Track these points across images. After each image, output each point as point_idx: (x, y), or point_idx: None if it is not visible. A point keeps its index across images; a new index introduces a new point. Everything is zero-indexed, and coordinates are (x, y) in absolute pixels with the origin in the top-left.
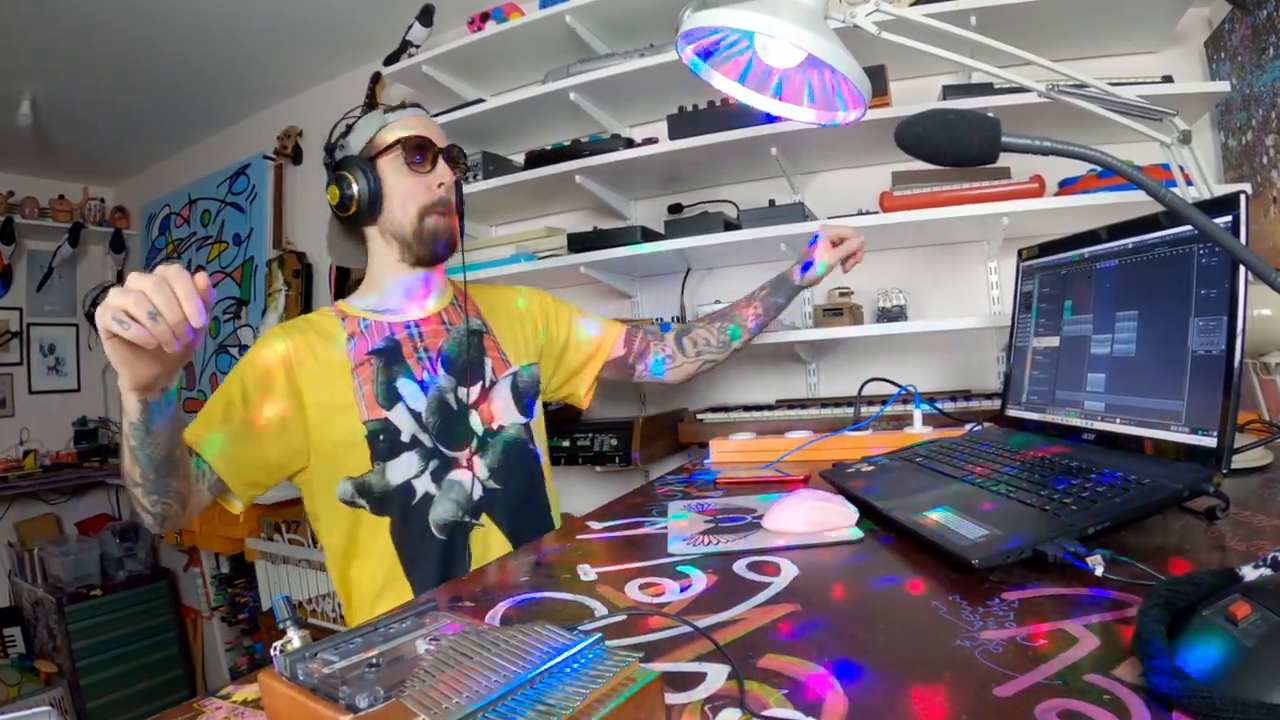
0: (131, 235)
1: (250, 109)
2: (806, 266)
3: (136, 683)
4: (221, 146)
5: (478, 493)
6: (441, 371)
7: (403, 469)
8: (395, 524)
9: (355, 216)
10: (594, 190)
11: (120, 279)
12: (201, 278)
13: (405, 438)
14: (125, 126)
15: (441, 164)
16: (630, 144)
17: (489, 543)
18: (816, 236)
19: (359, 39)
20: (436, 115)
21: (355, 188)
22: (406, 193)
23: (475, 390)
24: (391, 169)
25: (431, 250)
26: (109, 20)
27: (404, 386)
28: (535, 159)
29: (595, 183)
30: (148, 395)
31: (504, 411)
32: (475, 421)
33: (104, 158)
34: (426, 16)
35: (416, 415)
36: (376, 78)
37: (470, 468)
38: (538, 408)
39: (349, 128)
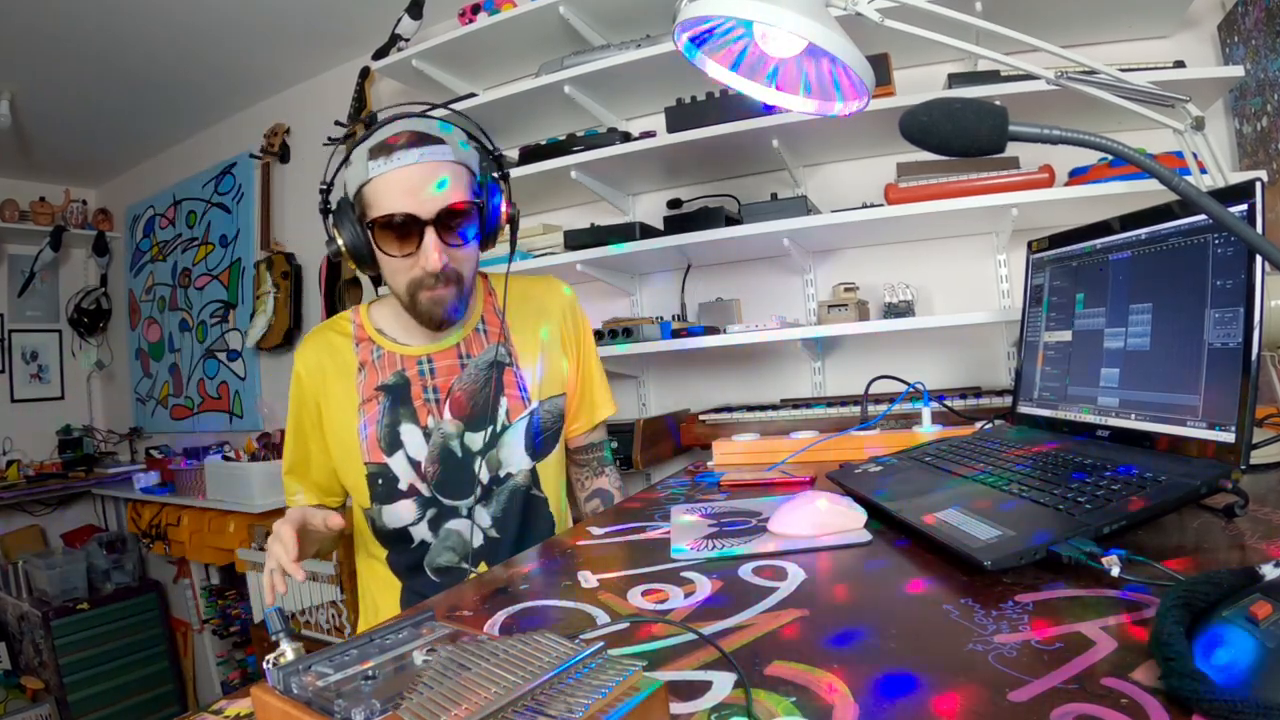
0: (115, 238)
1: (236, 106)
2: None
3: (126, 698)
4: (207, 145)
5: (478, 541)
6: (448, 415)
7: (399, 515)
8: (391, 557)
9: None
10: (591, 186)
11: (104, 283)
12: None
13: (403, 485)
14: (107, 126)
15: (429, 240)
16: (627, 138)
17: None
18: None
19: (347, 33)
20: (427, 112)
21: (341, 244)
22: (391, 270)
23: (484, 436)
24: (375, 240)
25: (429, 322)
26: (89, 16)
27: (406, 433)
28: (530, 154)
29: (592, 178)
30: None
31: (513, 457)
32: (481, 469)
33: (86, 158)
34: (416, 9)
35: (416, 464)
36: (365, 72)
37: (471, 517)
38: (556, 446)
39: (348, 159)
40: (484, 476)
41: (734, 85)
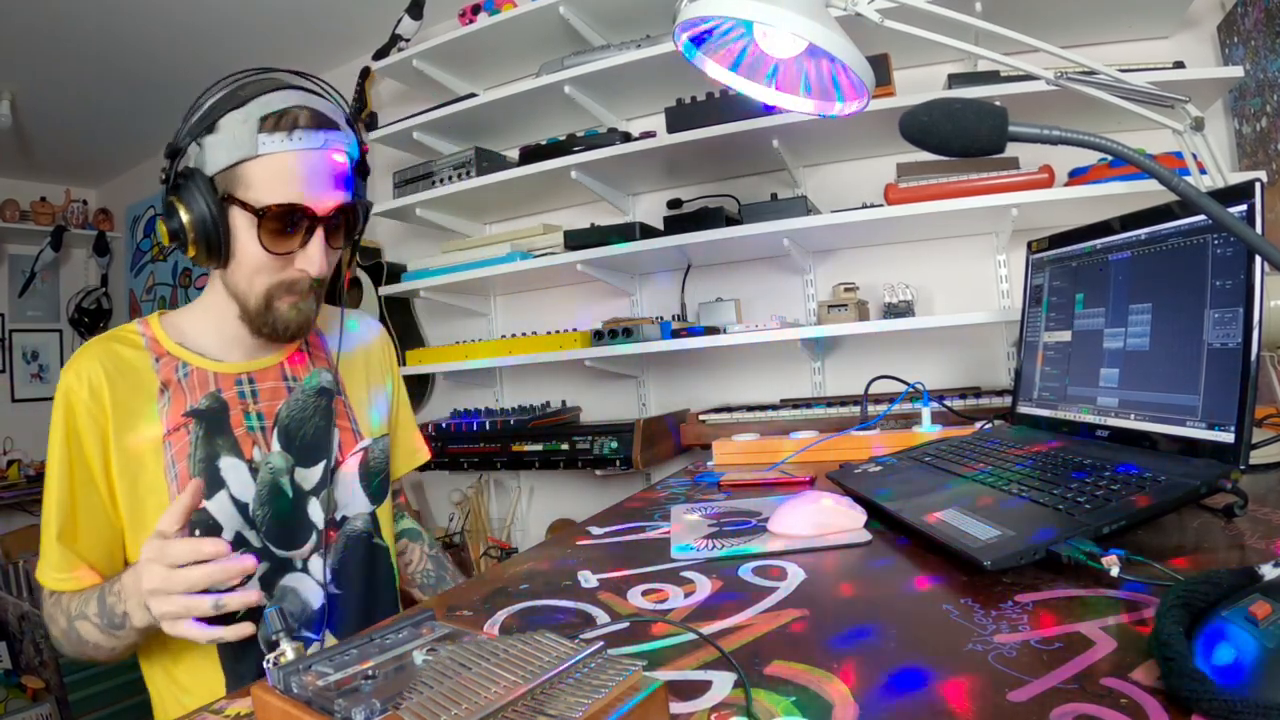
0: (115, 238)
1: None
2: None
3: (126, 698)
4: None
5: (318, 601)
6: (277, 447)
7: None
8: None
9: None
10: (591, 186)
11: (104, 283)
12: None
13: (228, 535)
14: (107, 126)
15: (316, 242)
16: (627, 138)
17: None
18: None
19: (347, 33)
20: (427, 111)
21: (185, 220)
22: (255, 265)
23: (317, 472)
24: (244, 226)
25: (279, 333)
26: (89, 16)
27: (228, 469)
28: (530, 154)
29: (592, 178)
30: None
31: (351, 499)
32: (315, 512)
33: (86, 158)
34: (416, 9)
35: (243, 507)
36: (366, 73)
37: (307, 571)
38: (389, 490)
39: (213, 124)
40: (318, 521)
41: (733, 85)
